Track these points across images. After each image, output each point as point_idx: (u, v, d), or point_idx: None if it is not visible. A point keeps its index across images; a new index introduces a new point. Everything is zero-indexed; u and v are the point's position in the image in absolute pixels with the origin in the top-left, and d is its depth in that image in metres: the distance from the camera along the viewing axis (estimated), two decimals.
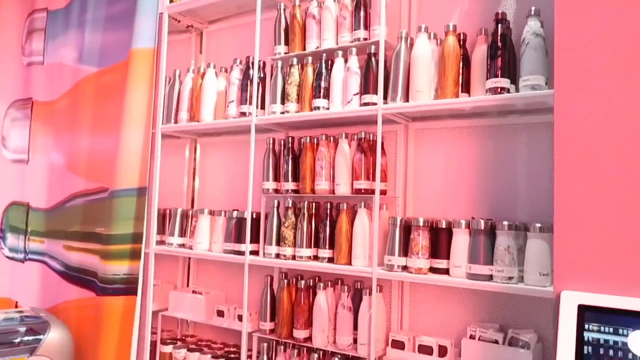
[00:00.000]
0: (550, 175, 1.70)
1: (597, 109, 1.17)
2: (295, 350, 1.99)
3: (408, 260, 1.78)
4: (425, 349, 1.75)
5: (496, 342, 1.65)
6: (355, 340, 1.89)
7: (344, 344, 1.88)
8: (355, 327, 1.89)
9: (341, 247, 1.92)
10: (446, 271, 1.72)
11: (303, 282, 2.03)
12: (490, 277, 1.61)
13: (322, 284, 1.96)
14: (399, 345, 1.80)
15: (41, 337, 2.05)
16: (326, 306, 1.93)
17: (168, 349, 2.36)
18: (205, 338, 2.50)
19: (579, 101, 1.20)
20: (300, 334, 1.98)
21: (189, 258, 2.64)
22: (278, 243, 2.09)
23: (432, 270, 1.75)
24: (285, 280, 2.06)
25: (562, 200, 1.20)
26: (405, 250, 1.79)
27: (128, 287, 2.35)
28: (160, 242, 2.46)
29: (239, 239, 2.18)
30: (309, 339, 1.98)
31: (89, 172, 2.65)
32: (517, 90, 1.65)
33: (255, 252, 2.14)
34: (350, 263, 1.90)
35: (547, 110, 1.68)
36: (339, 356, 1.89)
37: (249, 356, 2.12)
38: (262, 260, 2.10)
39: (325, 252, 1.97)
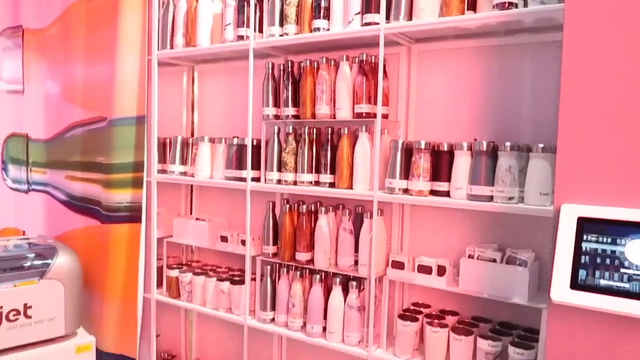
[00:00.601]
0: (555, 96, 1.66)
1: (609, 26, 1.12)
2: (298, 272, 2.05)
3: (409, 183, 1.78)
4: (424, 269, 1.79)
5: (494, 260, 1.68)
6: (356, 262, 1.93)
7: (345, 265, 1.93)
8: (357, 250, 1.93)
9: (342, 171, 1.92)
10: (447, 193, 1.73)
11: (304, 206, 2.04)
12: (490, 198, 1.62)
13: (323, 209, 1.98)
14: (398, 265, 1.84)
15: (50, 261, 2.10)
16: (327, 229, 1.97)
17: (174, 273, 2.42)
18: (210, 263, 2.56)
19: (590, 17, 1.15)
20: (302, 256, 2.02)
21: (191, 186, 2.65)
22: (279, 169, 2.09)
23: (433, 192, 1.76)
24: (287, 206, 2.08)
25: (567, 115, 1.18)
26: (407, 174, 1.79)
27: (132, 214, 2.38)
28: (162, 171, 2.45)
29: (240, 165, 2.18)
30: (310, 261, 2.02)
31: (85, 102, 2.60)
32: (525, 5, 1.58)
33: (256, 179, 2.14)
34: (351, 187, 1.90)
35: (556, 27, 1.61)
36: (340, 277, 1.95)
37: (253, 279, 2.19)
38: (263, 187, 2.11)
39: (326, 177, 1.97)
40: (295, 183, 2.05)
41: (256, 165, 2.14)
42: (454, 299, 1.89)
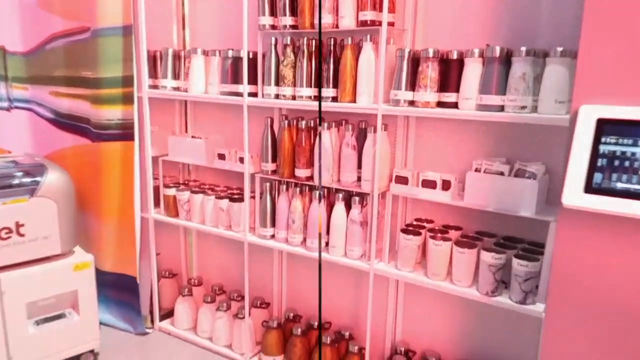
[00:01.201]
0: None
1: None
2: (297, 189, 2.05)
3: (415, 94, 1.74)
4: (428, 184, 1.79)
5: (502, 174, 1.68)
6: (359, 179, 1.93)
7: (348, 181, 1.93)
8: (360, 167, 1.92)
9: (345, 84, 1.87)
10: (455, 105, 1.69)
11: (304, 122, 2.01)
12: (501, 108, 1.59)
13: (325, 124, 1.95)
14: (402, 180, 1.84)
15: (39, 179, 2.07)
16: (330, 145, 1.95)
17: (171, 191, 2.43)
18: (207, 182, 2.56)
19: None
20: (302, 172, 2.02)
21: (185, 103, 2.60)
22: (277, 83, 2.03)
23: (440, 104, 1.73)
24: (286, 122, 2.05)
25: (592, 10, 1.13)
26: (413, 84, 1.75)
27: (124, 132, 2.35)
28: (153, 87, 2.39)
29: (236, 79, 2.12)
30: (310, 177, 2.02)
31: (65, 10, 2.46)
32: None
33: (253, 94, 2.09)
34: (354, 101, 1.87)
35: None
36: (343, 192, 1.95)
37: (252, 197, 2.20)
38: (261, 101, 2.07)
39: (329, 91, 1.91)
40: (294, 98, 2.00)
41: (253, 80, 2.08)
42: (458, 215, 1.91)
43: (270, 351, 2.23)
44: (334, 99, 1.92)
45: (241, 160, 2.20)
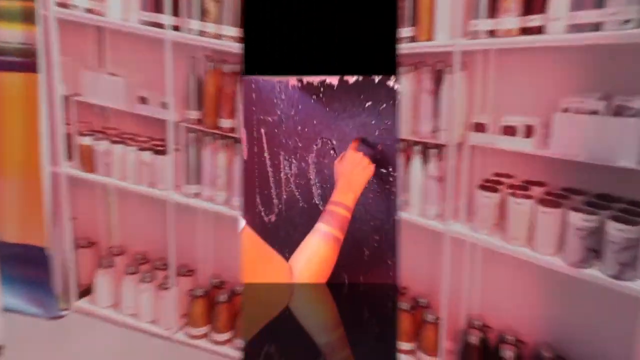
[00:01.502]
0: None
1: None
2: (222, 142, 2.25)
3: (495, 22, 1.77)
4: (508, 131, 1.81)
5: (595, 113, 1.68)
6: (435, 129, 1.99)
7: (425, 131, 2.01)
8: (436, 115, 1.98)
9: (423, 20, 1.95)
10: (540, 30, 1.72)
11: (229, 66, 2.17)
12: (597, 27, 1.60)
13: (403, 69, 1.99)
14: (480, 128, 1.85)
15: None
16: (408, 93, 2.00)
17: (87, 141, 2.49)
18: (127, 131, 2.57)
19: None
20: (225, 123, 2.22)
21: (99, 31, 2.53)
22: (202, 18, 2.13)
23: (524, 31, 1.74)
24: (212, 64, 2.20)
25: None
26: (493, 11, 1.78)
27: (25, 60, 2.35)
28: (62, 5, 2.37)
29: (158, 7, 2.20)
30: (233, 129, 2.21)
31: None
32: None
33: (177, 28, 2.21)
34: (431, 39, 1.93)
35: None
36: (420, 145, 2.05)
37: (177, 149, 2.35)
38: (183, 37, 2.19)
39: (407, 31, 1.99)
40: (219, 37, 2.14)
41: (178, 11, 2.16)
42: (543, 168, 1.92)
43: (196, 322, 2.44)
44: (412, 39, 1.97)
45: (164, 105, 2.29)
